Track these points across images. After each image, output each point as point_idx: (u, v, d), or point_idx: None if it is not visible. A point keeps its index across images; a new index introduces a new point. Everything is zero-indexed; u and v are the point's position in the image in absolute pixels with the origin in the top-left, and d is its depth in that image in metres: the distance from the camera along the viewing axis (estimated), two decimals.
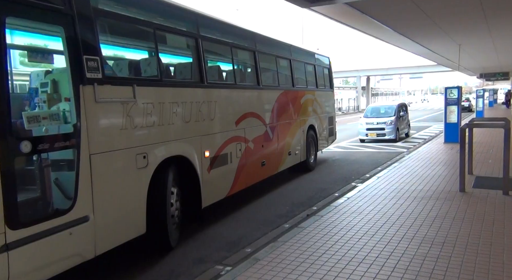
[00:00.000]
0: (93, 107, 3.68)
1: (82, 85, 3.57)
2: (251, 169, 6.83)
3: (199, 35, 5.58)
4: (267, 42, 7.90)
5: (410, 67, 48.50)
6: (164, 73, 5.11)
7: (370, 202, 5.98)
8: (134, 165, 4.17)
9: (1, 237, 2.88)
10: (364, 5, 8.09)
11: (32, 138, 3.17)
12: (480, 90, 27.24)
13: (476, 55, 19.82)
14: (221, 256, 4.51)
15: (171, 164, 4.75)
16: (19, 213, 3.04)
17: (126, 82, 4.27)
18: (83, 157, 3.55)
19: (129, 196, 4.13)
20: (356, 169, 9.59)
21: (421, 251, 4.01)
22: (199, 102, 5.40)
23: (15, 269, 2.96)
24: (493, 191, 6.27)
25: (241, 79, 7.23)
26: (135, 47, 5.78)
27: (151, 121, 4.45)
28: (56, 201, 3.48)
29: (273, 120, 7.66)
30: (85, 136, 3.57)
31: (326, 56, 11.42)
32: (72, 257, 3.49)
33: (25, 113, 3.26)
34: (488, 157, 9.54)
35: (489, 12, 9.08)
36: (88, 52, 3.67)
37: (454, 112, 12.66)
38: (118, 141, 4.01)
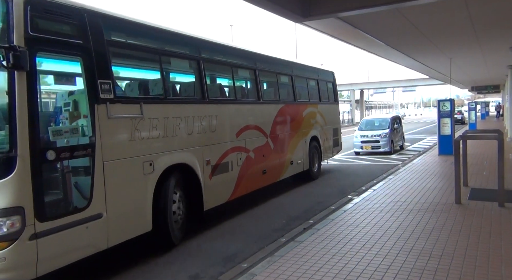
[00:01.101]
0: (106, 122, 4.38)
1: (97, 104, 4.29)
2: (252, 177, 7.35)
3: (201, 57, 6.27)
4: (267, 60, 8.56)
5: (403, 81, 49.17)
6: (169, 92, 5.79)
7: (366, 215, 5.95)
8: (141, 171, 4.85)
9: (31, 228, 3.56)
10: (356, 20, 8.22)
11: (56, 148, 3.88)
12: (472, 103, 27.59)
13: (467, 68, 20.14)
14: (217, 271, 4.44)
15: (175, 170, 5.38)
16: (45, 208, 3.71)
17: (134, 101, 5.03)
18: (97, 164, 4.24)
19: (137, 198, 4.77)
20: (352, 182, 9.58)
21: (419, 264, 3.98)
22: (201, 116, 6.07)
23: (42, 254, 3.65)
24: (489, 203, 6.28)
25: (242, 95, 7.91)
26: (143, 70, 6.35)
27: (156, 133, 5.13)
28: (75, 200, 4.11)
29: (274, 132, 8.19)
30: (99, 146, 4.27)
31: (330, 71, 12.12)
32: (88, 248, 4.16)
33: (50, 128, 3.99)
34: (483, 169, 9.59)
35: (479, 27, 9.27)
36: (102, 76, 4.41)
37: (448, 125, 12.78)
38: (127, 150, 4.67)
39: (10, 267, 3.49)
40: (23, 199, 3.54)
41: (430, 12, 7.80)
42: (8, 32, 3.58)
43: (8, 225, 3.46)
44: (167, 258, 4.96)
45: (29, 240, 3.56)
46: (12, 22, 3.59)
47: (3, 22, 3.61)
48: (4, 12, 3.61)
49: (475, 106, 26.98)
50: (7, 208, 3.46)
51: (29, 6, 3.71)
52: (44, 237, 3.67)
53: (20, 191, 3.53)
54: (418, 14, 7.91)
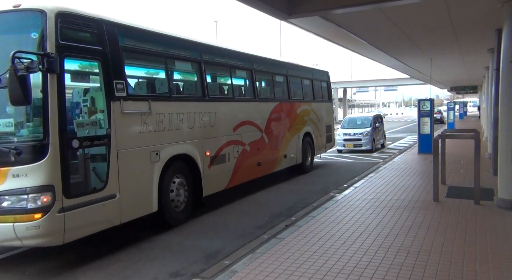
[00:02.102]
0: (119, 117, 5.13)
1: (112, 101, 5.03)
2: (248, 168, 8.07)
3: (202, 59, 7.00)
4: (263, 61, 9.34)
5: (385, 80, 49.90)
6: (173, 90, 6.65)
7: (347, 212, 6.03)
8: (149, 160, 5.60)
9: (60, 203, 4.31)
10: (340, 19, 8.28)
11: (79, 138, 4.62)
12: (451, 103, 28.23)
13: (447, 69, 20.60)
14: (198, 268, 4.43)
15: (178, 160, 6.15)
16: (71, 187, 4.45)
17: (143, 98, 5.72)
18: (112, 152, 4.98)
19: (145, 182, 5.53)
20: (334, 180, 9.69)
21: (397, 260, 4.06)
22: (201, 112, 6.82)
23: (68, 225, 4.40)
24: (465, 201, 6.46)
25: (239, 93, 8.52)
26: (150, 70, 7.02)
27: (162, 127, 5.88)
28: (94, 182, 4.83)
29: (268, 128, 8.91)
30: (114, 137, 5.01)
31: (324, 71, 12.82)
32: (104, 222, 4.93)
33: (75, 120, 4.76)
34: (460, 167, 9.85)
35: (458, 29, 9.48)
36: (117, 77, 5.17)
37: (427, 124, 13.04)
38: (137, 141, 5.44)
39: (43, 233, 4.23)
40: (54, 179, 4.27)
41: (412, 12, 7.93)
42: (42, 41, 4.34)
43: (42, 200, 4.20)
44: (148, 255, 4.92)
45: (58, 213, 4.30)
46: (45, 33, 4.34)
47: (39, 32, 4.39)
48: (39, 25, 4.37)
49: (454, 106, 27.62)
50: (42, 186, 4.20)
51: (59, 19, 4.46)
52: (70, 211, 4.42)
53: (51, 172, 4.25)
54: (401, 14, 8.03)
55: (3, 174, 4.21)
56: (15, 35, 4.71)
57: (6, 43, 4.58)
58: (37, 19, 4.37)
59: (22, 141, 4.33)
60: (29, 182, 4.18)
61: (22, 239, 4.23)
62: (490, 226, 5.13)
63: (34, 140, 4.31)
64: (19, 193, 4.18)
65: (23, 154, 4.22)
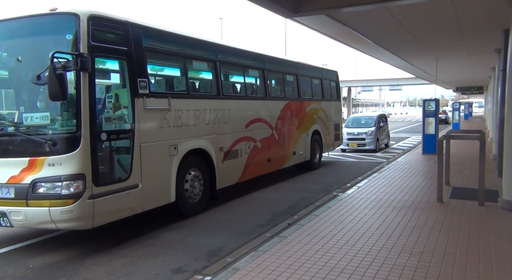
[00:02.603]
0: (142, 112, 5.51)
1: (136, 98, 5.41)
2: (258, 164, 8.43)
3: (217, 59, 7.36)
4: (274, 61, 9.66)
5: (390, 79, 49.67)
6: (191, 88, 6.92)
7: (350, 211, 6.02)
8: (168, 153, 5.97)
9: (90, 190, 4.70)
10: (346, 18, 8.24)
11: (107, 131, 5.00)
12: (456, 103, 28.05)
13: (453, 69, 20.47)
14: (200, 265, 4.43)
15: (194, 154, 6.51)
16: (99, 177, 4.83)
17: (163, 95, 6.12)
18: (136, 145, 5.36)
19: (164, 174, 5.89)
20: (337, 179, 9.67)
21: (400, 261, 4.05)
22: (216, 109, 7.18)
23: (97, 211, 4.79)
24: (469, 202, 6.42)
25: (251, 92, 8.89)
26: (170, 69, 7.46)
27: (180, 122, 6.25)
28: (119, 172, 5.21)
29: (279, 125, 9.24)
30: (137, 131, 5.38)
31: (334, 70, 13.15)
32: (128, 210, 5.31)
33: (103, 115, 5.10)
34: (464, 168, 9.80)
35: (465, 29, 9.41)
36: (140, 75, 5.53)
37: (432, 124, 12.96)
38: (158, 135, 5.80)
39: (75, 217, 4.63)
40: (85, 168, 4.67)
41: (418, 12, 7.87)
42: (76, 42, 4.72)
43: (75, 187, 4.60)
44: (150, 251, 4.93)
45: (88, 199, 4.69)
46: (79, 34, 4.72)
47: (72, 34, 4.76)
48: (73, 27, 4.75)
49: (459, 106, 27.46)
50: (74, 174, 4.60)
51: (91, 22, 4.84)
52: (98, 198, 4.80)
53: (83, 162, 4.65)
54: (407, 13, 7.97)
55: (40, 163, 4.64)
56: (52, 36, 5.11)
57: (43, 43, 5.08)
58: (71, 22, 4.77)
59: (57, 133, 4.74)
60: (63, 171, 4.60)
61: (56, 222, 4.64)
62: (494, 228, 5.10)
63: (67, 133, 4.72)
64: (54, 180, 4.60)
65: (58, 145, 4.65)
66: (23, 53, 5.18)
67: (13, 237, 5.66)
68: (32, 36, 5.20)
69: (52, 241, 5.45)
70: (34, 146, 4.73)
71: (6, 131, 5.01)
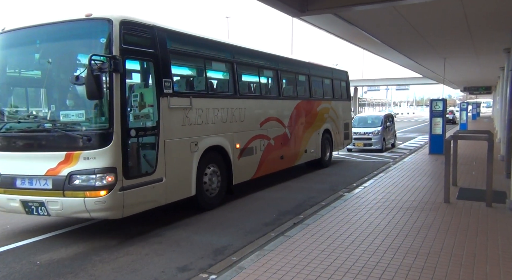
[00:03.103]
0: (166, 111, 5.86)
1: (161, 97, 5.77)
2: (272, 160, 8.76)
3: (234, 60, 7.72)
4: (287, 61, 10.00)
5: (396, 79, 49.37)
6: (210, 88, 7.28)
7: (356, 211, 6.00)
8: (189, 149, 6.36)
9: (121, 182, 5.08)
10: (353, 17, 8.20)
11: (136, 128, 5.38)
12: (464, 103, 27.80)
13: (461, 69, 20.28)
14: (206, 263, 4.45)
15: (212, 151, 6.84)
16: (129, 170, 5.22)
17: (185, 95, 6.47)
18: (160, 141, 5.72)
19: (185, 169, 6.27)
20: (343, 178, 9.64)
21: (406, 262, 4.03)
22: (233, 108, 7.53)
23: (126, 202, 5.17)
24: (477, 203, 6.37)
25: (266, 91, 9.25)
26: (191, 70, 7.75)
27: (200, 120, 6.61)
28: (145, 167, 5.56)
29: (291, 124, 9.56)
30: (162, 128, 5.74)
31: (344, 70, 13.34)
32: (153, 202, 5.69)
33: (132, 113, 5.45)
34: (472, 169, 9.71)
35: (474, 28, 9.31)
36: (165, 76, 5.90)
37: (439, 124, 12.86)
38: (180, 132, 6.16)
39: (107, 207, 5.01)
40: (117, 162, 5.04)
41: (426, 11, 7.80)
42: (109, 45, 5.09)
43: (107, 179, 4.98)
44: (156, 249, 4.96)
45: (119, 191, 5.06)
46: (112, 38, 5.10)
47: (106, 38, 5.14)
48: (106, 31, 5.14)
49: (467, 106, 27.21)
50: (107, 167, 4.99)
51: (122, 26, 5.22)
52: (128, 190, 5.17)
53: (115, 156, 5.03)
54: (415, 12, 7.91)
55: (76, 157, 5.04)
56: (87, 39, 5.50)
57: (79, 46, 5.57)
58: (105, 27, 5.16)
59: (91, 129, 5.11)
60: (97, 164, 4.98)
61: (90, 212, 5.01)
62: (502, 229, 5.05)
63: (101, 129, 5.08)
64: (89, 173, 4.98)
65: (93, 140, 5.03)
66: (61, 55, 5.63)
67: (20, 233, 5.72)
68: (68, 40, 5.59)
69: (59, 238, 5.50)
70: (71, 141, 5.12)
71: (44, 127, 5.39)
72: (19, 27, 5.78)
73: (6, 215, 6.69)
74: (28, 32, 5.69)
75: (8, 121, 5.71)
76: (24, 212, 5.38)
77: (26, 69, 6.01)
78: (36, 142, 5.37)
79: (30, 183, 5.26)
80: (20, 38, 5.81)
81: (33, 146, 5.37)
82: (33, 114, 5.80)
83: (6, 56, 5.94)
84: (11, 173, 5.41)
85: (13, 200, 5.36)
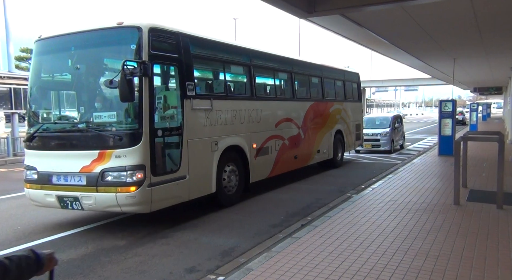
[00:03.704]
0: (189, 112, 6.19)
1: (185, 99, 6.09)
2: (286, 160, 9.00)
3: (252, 64, 8.04)
4: (301, 64, 10.28)
5: (405, 80, 48.92)
6: (228, 91, 7.69)
7: (365, 213, 5.96)
8: (210, 148, 6.67)
9: (149, 179, 5.42)
10: (361, 18, 8.15)
11: (162, 128, 5.70)
12: (474, 104, 27.50)
13: (471, 69, 20.06)
14: (213, 265, 4.45)
15: (230, 150, 7.14)
16: (156, 168, 5.55)
17: (207, 97, 6.77)
18: (184, 141, 6.04)
19: (206, 167, 6.57)
20: (351, 180, 9.58)
21: (415, 264, 3.99)
22: (250, 110, 7.82)
23: (154, 197, 5.50)
24: (487, 205, 6.28)
25: (281, 93, 9.57)
26: (211, 73, 8.01)
27: (220, 121, 6.93)
28: (170, 165, 5.89)
29: (304, 125, 9.81)
30: (185, 128, 6.06)
31: (355, 72, 13.60)
32: (177, 198, 6.00)
33: (159, 114, 5.72)
34: (482, 170, 9.59)
35: (484, 29, 9.20)
36: (188, 79, 6.23)
37: (449, 125, 12.73)
38: (202, 133, 6.48)
39: (137, 202, 5.35)
40: (146, 160, 5.38)
41: (435, 11, 7.73)
42: (139, 51, 5.45)
43: (137, 176, 5.33)
44: (164, 250, 4.98)
45: (148, 187, 5.39)
46: (141, 44, 5.45)
47: (136, 44, 5.49)
48: (136, 38, 5.49)
49: (477, 107, 26.90)
50: (137, 165, 5.33)
51: (151, 33, 5.57)
52: (155, 186, 5.49)
53: (144, 155, 5.36)
54: (424, 13, 7.84)
55: (108, 155, 5.38)
56: (118, 46, 5.96)
57: (111, 52, 6.08)
58: (135, 34, 5.52)
59: (122, 129, 5.48)
60: (128, 162, 5.31)
61: (121, 206, 5.36)
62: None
63: (131, 129, 5.44)
64: (120, 170, 5.33)
65: (124, 140, 5.38)
66: (94, 61, 6.10)
67: (30, 234, 5.79)
68: (101, 46, 6.04)
69: (68, 239, 5.55)
70: (103, 140, 5.47)
71: (79, 128, 5.79)
72: (55, 35, 6.18)
73: (16, 216, 6.78)
74: (64, 39, 6.10)
75: (44, 122, 6.11)
76: (60, 207, 5.76)
77: (61, 74, 6.45)
78: (71, 141, 5.74)
79: (65, 179, 5.64)
80: (56, 45, 6.22)
81: (68, 145, 5.75)
82: (68, 115, 6.25)
83: (43, 62, 6.38)
84: (47, 170, 5.79)
85: (50, 196, 5.75)
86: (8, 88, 18.52)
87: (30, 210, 6.94)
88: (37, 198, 5.95)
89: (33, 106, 6.40)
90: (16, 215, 6.80)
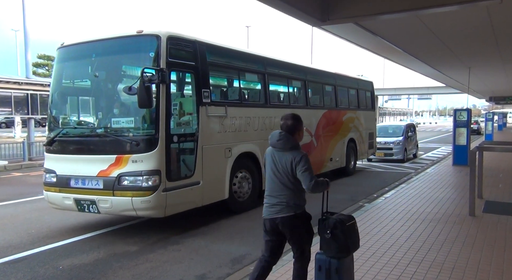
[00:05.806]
0: (205, 119, 6.29)
1: (200, 106, 6.19)
2: None
3: (266, 72, 8.12)
4: (315, 72, 10.42)
5: (418, 88, 48.45)
6: (243, 98, 7.78)
7: (377, 223, 5.88)
8: (224, 155, 6.74)
9: (164, 184, 5.48)
10: (375, 26, 8.14)
11: (178, 134, 5.81)
12: (489, 113, 27.00)
13: (486, 78, 19.77)
14: (224, 272, 4.44)
15: (243, 157, 7.19)
16: (171, 173, 5.63)
17: (221, 104, 6.87)
18: (199, 147, 6.10)
19: (220, 173, 6.64)
20: (363, 189, 9.48)
21: (429, 276, 3.91)
22: (264, 117, 7.89)
23: (168, 202, 5.57)
24: (504, 217, 6.14)
25: (294, 101, 9.60)
26: (226, 81, 8.10)
27: (234, 128, 7.04)
28: (185, 170, 5.97)
29: (317, 133, 9.80)
30: (200, 135, 6.14)
31: (369, 81, 13.53)
32: (191, 203, 6.07)
33: (174, 120, 5.84)
34: (498, 181, 9.39)
35: (501, 37, 9.09)
36: (204, 86, 6.32)
37: (463, 134, 12.54)
38: (216, 139, 6.56)
39: (152, 207, 5.44)
40: (161, 165, 5.46)
41: (450, 20, 7.68)
42: (157, 59, 5.56)
43: (153, 180, 5.40)
44: (175, 257, 4.98)
45: (163, 192, 5.46)
46: (160, 52, 5.57)
47: (154, 52, 5.61)
48: (155, 46, 5.60)
49: (492, 116, 26.42)
50: (153, 170, 5.40)
51: (169, 41, 5.68)
52: (170, 191, 5.57)
53: (159, 160, 5.44)
54: (439, 22, 7.79)
55: (125, 159, 5.48)
56: (137, 53, 6.08)
57: (130, 59, 6.22)
58: (154, 42, 5.64)
59: (139, 135, 5.59)
60: (144, 167, 5.40)
61: (137, 210, 5.45)
62: None
63: (148, 135, 5.53)
64: (136, 174, 5.42)
65: (140, 145, 5.47)
66: (113, 67, 6.24)
67: (44, 238, 5.86)
68: (121, 53, 6.20)
69: (80, 244, 5.60)
70: (121, 145, 5.58)
71: (97, 133, 5.93)
72: (77, 42, 6.37)
73: (31, 220, 6.88)
74: (85, 47, 6.28)
75: (64, 127, 6.29)
76: (77, 210, 5.87)
77: (81, 80, 6.61)
78: (89, 146, 5.86)
79: (83, 183, 5.75)
80: (78, 52, 6.38)
81: (86, 149, 5.86)
82: (87, 120, 6.40)
83: (64, 68, 6.53)
84: (66, 173, 5.91)
85: (68, 198, 5.86)
86: (25, 94, 18.97)
87: (44, 214, 7.04)
88: (55, 200, 6.07)
89: (54, 111, 6.55)
90: (31, 219, 6.90)
